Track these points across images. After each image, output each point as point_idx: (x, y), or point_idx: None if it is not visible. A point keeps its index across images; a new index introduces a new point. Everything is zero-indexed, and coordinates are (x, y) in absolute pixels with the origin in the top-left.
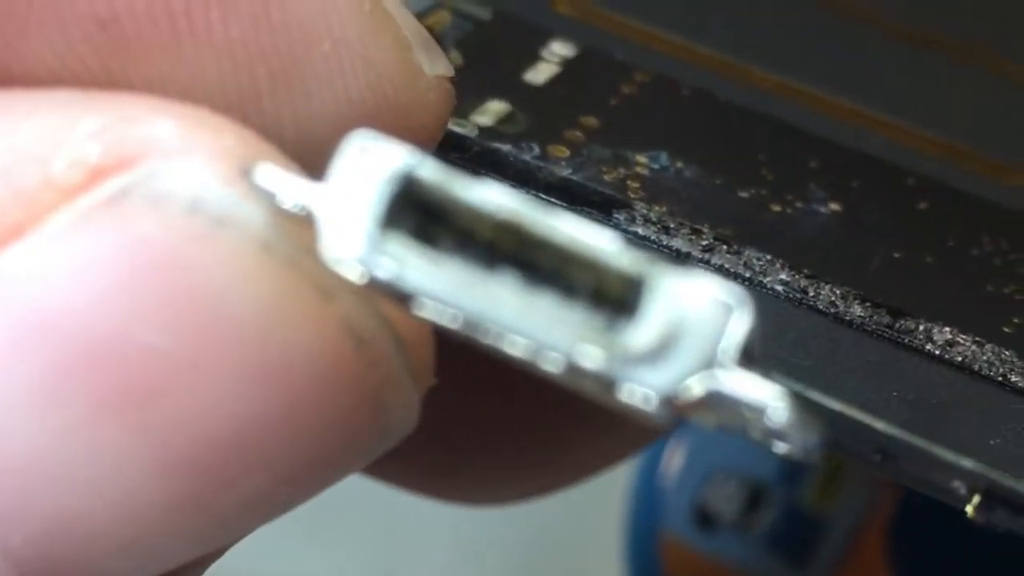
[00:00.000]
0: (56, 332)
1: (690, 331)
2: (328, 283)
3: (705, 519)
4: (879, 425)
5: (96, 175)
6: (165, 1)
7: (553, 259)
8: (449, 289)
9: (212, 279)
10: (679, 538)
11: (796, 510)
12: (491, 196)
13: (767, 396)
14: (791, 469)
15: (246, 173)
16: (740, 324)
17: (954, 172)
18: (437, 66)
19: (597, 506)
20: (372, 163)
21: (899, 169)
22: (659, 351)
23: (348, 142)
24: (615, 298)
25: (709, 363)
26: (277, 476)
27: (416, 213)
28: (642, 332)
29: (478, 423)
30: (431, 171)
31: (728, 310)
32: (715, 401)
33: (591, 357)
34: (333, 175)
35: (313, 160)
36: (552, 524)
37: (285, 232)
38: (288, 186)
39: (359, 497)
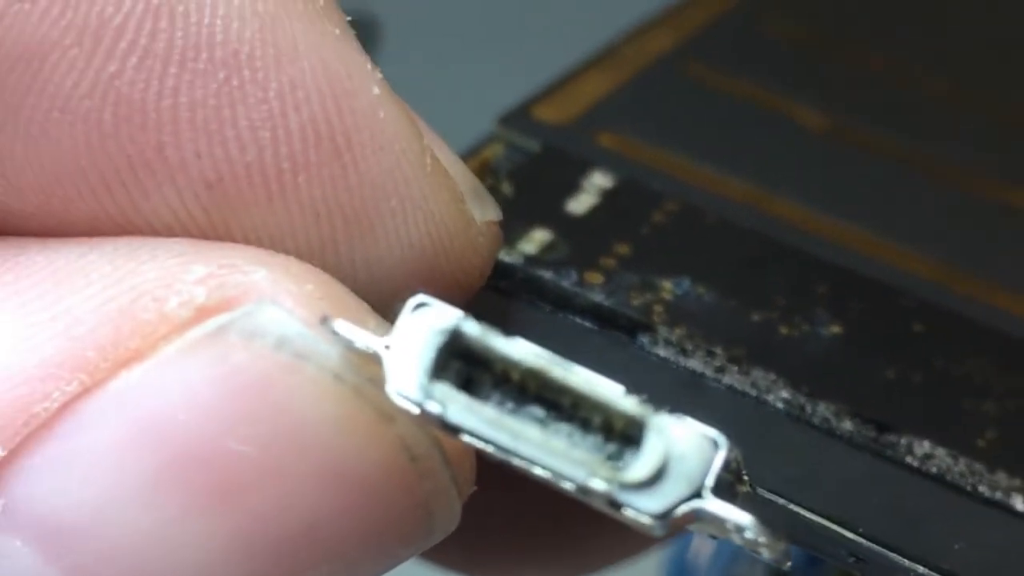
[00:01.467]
0: (164, 439)
1: (680, 465)
2: (389, 409)
3: None
4: (849, 535)
5: (202, 313)
6: (261, 167)
7: (570, 400)
8: (483, 426)
9: (294, 401)
10: None
11: None
12: (520, 350)
13: (742, 520)
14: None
15: (325, 320)
16: (721, 458)
17: (948, 295)
18: (488, 213)
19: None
20: (426, 321)
21: (898, 292)
22: (654, 481)
23: (408, 302)
24: (620, 434)
25: (696, 491)
26: (339, 566)
27: (460, 360)
28: (640, 465)
29: (511, 516)
30: (472, 329)
31: (713, 447)
32: (701, 520)
33: (598, 484)
34: (395, 329)
35: (381, 292)
36: None
37: (354, 366)
38: (360, 335)
39: None
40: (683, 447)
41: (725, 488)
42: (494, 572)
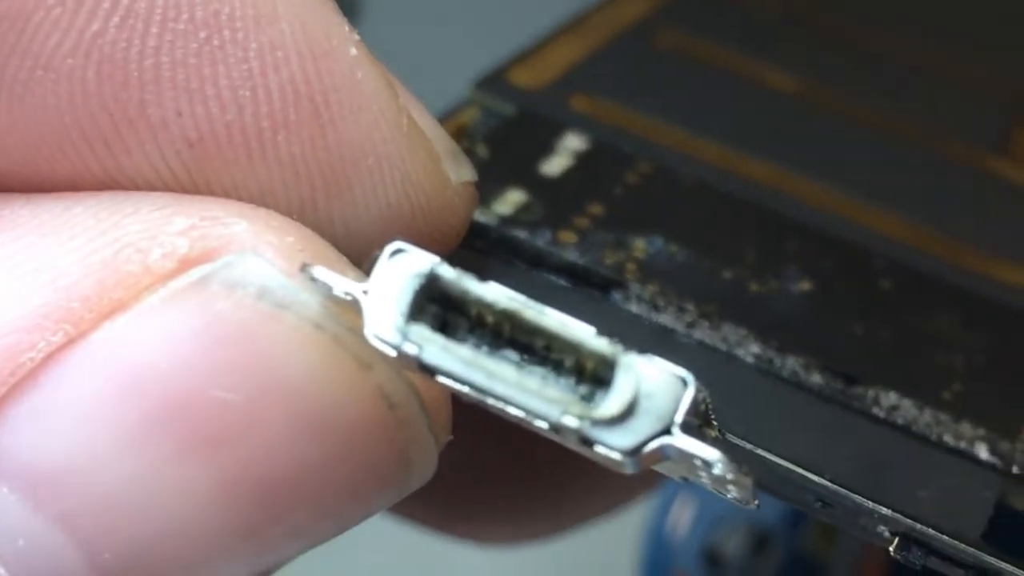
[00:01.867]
0: (147, 388)
1: (649, 402)
2: (367, 356)
3: (714, 561)
4: (816, 479)
5: (184, 264)
6: (241, 125)
7: (543, 342)
8: (459, 366)
9: (274, 350)
10: None
11: (799, 554)
12: (494, 292)
13: (710, 455)
14: (795, 517)
15: (305, 268)
16: (689, 395)
17: (917, 254)
18: (463, 174)
19: (613, 548)
20: (402, 266)
21: (868, 251)
22: (624, 418)
23: (385, 248)
24: (591, 375)
25: (666, 427)
26: (318, 512)
27: (437, 305)
28: (611, 402)
29: (487, 470)
30: (447, 272)
31: (682, 385)
32: (670, 457)
33: (570, 421)
34: (373, 274)
35: (358, 250)
36: (570, 567)
37: (333, 315)
38: (338, 281)
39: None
40: (652, 385)
41: (693, 427)
42: (468, 529)
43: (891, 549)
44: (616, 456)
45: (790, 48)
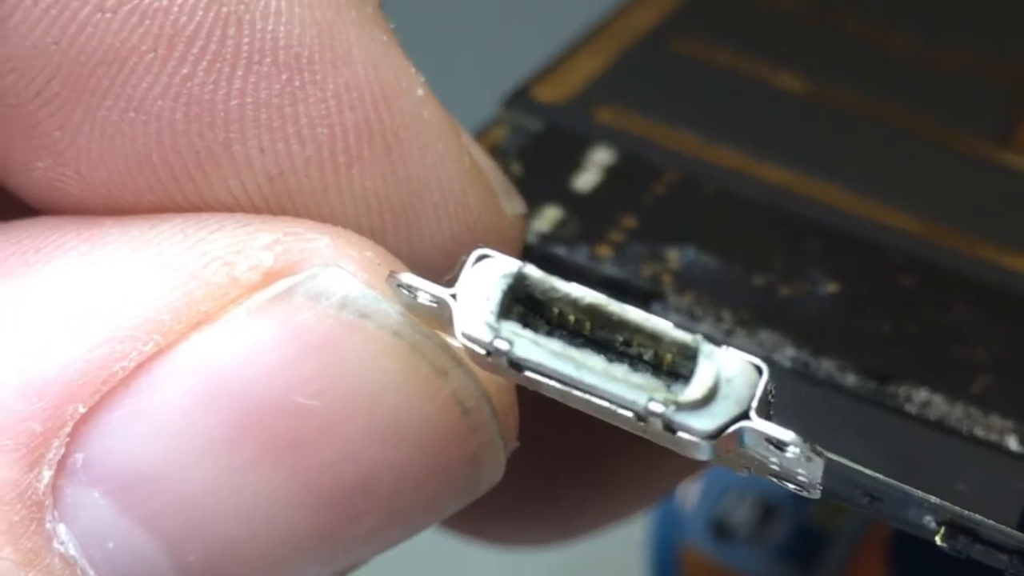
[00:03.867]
0: (233, 396)
1: (728, 387)
2: (443, 364)
3: (722, 532)
4: (866, 472)
5: (269, 277)
6: (319, 160)
7: (623, 336)
8: (549, 359)
9: (356, 357)
10: (698, 549)
11: (805, 525)
12: (579, 289)
13: (785, 436)
14: None
15: (390, 278)
16: (764, 381)
17: (934, 249)
18: (516, 207)
19: (624, 525)
20: (490, 268)
21: (887, 248)
22: (706, 402)
23: (470, 256)
24: (669, 369)
25: (744, 411)
26: (392, 516)
27: (521, 305)
28: (694, 387)
29: (531, 481)
30: (534, 272)
31: (757, 372)
32: (745, 441)
33: (657, 407)
34: (460, 278)
35: (423, 270)
36: (582, 545)
37: (412, 324)
38: (425, 287)
39: None
40: (731, 371)
41: (765, 413)
42: (490, 533)
43: (937, 539)
44: (697, 440)
45: (800, 49)
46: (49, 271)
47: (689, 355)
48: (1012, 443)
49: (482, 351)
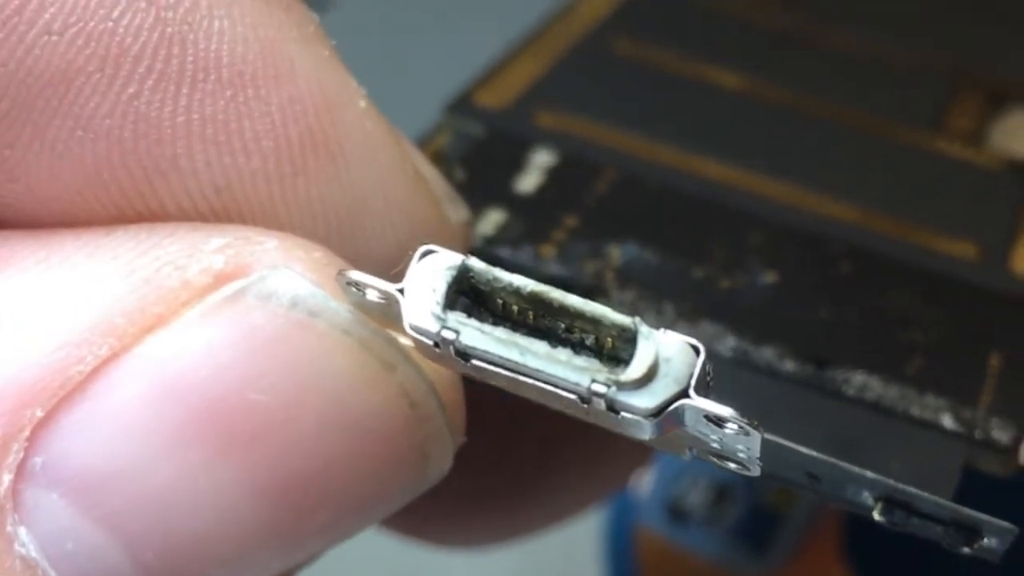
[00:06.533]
0: (187, 395)
1: (668, 367)
2: (391, 358)
3: (677, 514)
4: (801, 450)
5: (220, 279)
6: (264, 172)
7: (565, 323)
8: (495, 346)
9: (306, 355)
10: (653, 531)
11: (759, 507)
12: (521, 278)
13: (724, 412)
14: None
15: (339, 276)
16: (701, 360)
17: (872, 236)
18: (460, 215)
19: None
20: (436, 261)
21: (826, 238)
22: (647, 380)
23: (416, 252)
24: (610, 353)
25: (683, 390)
26: (344, 508)
27: (465, 298)
28: (635, 366)
29: (475, 479)
30: (478, 264)
31: (695, 352)
32: (685, 421)
33: (599, 387)
34: (408, 273)
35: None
36: None
37: (360, 321)
38: (373, 283)
39: None
40: (669, 352)
41: (704, 392)
42: (436, 533)
43: (875, 514)
44: (639, 419)
45: (736, 46)
46: (3, 279)
47: (629, 338)
48: (947, 421)
49: (430, 342)
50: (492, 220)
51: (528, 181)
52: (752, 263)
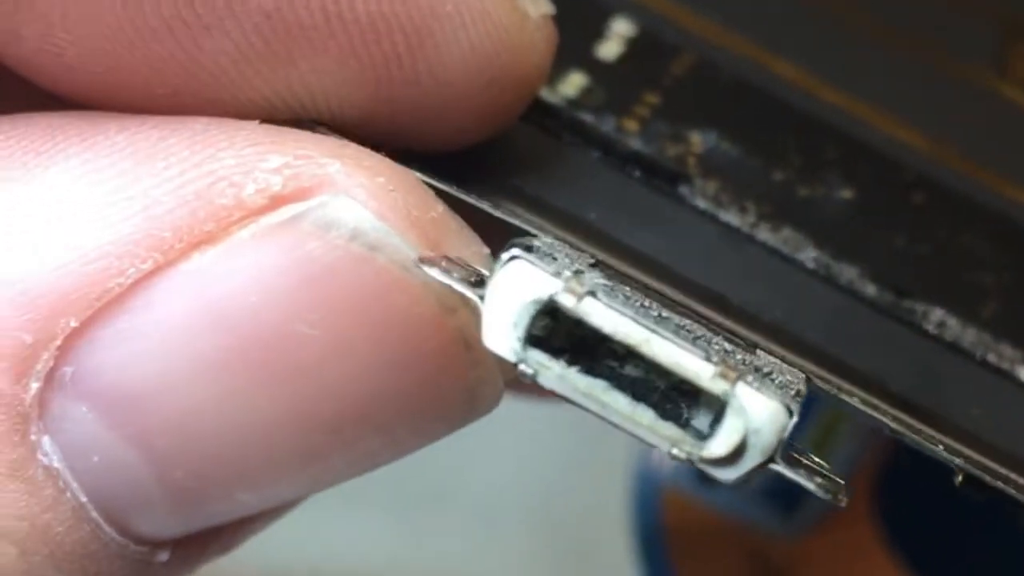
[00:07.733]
0: (232, 320)
1: (756, 438)
2: (451, 301)
3: (706, 474)
4: (886, 421)
5: (277, 201)
6: None
7: (657, 375)
8: (574, 395)
9: (362, 291)
10: (681, 491)
11: None
12: (611, 324)
13: (808, 485)
14: None
15: (422, 261)
16: (792, 424)
17: (938, 168)
18: (541, 6)
19: (606, 468)
20: (521, 285)
21: (899, 163)
22: (731, 460)
23: (502, 256)
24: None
25: (769, 459)
26: (385, 440)
27: (551, 315)
28: (719, 444)
29: None
30: (567, 301)
31: (787, 414)
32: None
33: (680, 455)
34: (490, 284)
35: (447, 98)
36: (564, 488)
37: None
38: (454, 282)
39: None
40: (759, 421)
41: (788, 455)
42: None
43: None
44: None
45: None
46: (48, 177)
47: (717, 406)
48: (1023, 374)
49: (510, 362)
50: (574, 82)
51: (609, 48)
52: (829, 175)
